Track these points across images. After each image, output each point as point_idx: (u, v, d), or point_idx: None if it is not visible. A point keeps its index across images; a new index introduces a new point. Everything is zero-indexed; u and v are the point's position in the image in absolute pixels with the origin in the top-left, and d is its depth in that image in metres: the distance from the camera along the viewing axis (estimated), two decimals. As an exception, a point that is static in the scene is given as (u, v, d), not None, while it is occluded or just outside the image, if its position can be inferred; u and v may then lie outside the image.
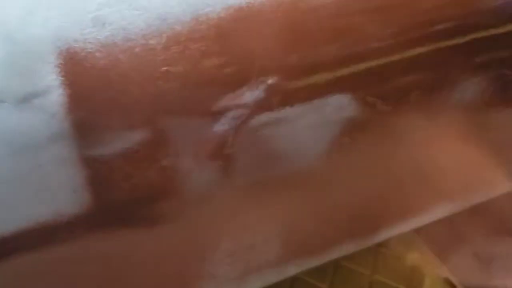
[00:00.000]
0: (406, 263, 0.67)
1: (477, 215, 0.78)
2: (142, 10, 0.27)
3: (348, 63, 0.33)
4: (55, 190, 0.28)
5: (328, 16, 0.31)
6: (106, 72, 0.27)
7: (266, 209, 0.40)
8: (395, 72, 0.36)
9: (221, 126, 0.31)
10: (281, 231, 0.41)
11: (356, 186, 0.44)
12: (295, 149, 0.36)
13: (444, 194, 0.50)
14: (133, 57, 0.27)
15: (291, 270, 0.45)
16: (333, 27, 0.32)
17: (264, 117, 0.32)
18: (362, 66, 0.34)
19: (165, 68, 0.28)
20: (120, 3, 0.27)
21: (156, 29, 0.27)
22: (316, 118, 0.34)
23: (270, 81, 0.30)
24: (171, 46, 0.28)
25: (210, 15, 0.28)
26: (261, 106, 0.31)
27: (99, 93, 0.27)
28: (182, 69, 0.28)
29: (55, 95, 0.26)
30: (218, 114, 0.30)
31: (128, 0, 0.27)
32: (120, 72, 0.27)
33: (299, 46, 0.30)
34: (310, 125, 0.34)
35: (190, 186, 0.33)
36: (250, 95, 0.31)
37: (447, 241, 0.71)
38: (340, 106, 0.35)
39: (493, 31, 0.39)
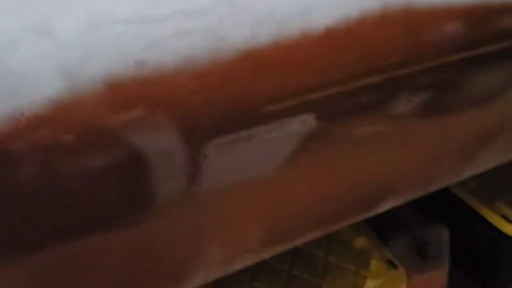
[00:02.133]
0: (355, 246, 0.76)
1: (414, 205, 0.89)
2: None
3: (312, 91, 0.41)
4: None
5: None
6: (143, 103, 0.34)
7: (249, 201, 0.48)
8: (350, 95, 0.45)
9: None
10: (265, 220, 0.49)
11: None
12: (257, 159, 0.43)
13: (390, 190, 0.59)
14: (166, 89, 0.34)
15: (267, 254, 0.54)
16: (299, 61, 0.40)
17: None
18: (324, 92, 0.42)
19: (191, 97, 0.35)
20: (156, 47, 0.33)
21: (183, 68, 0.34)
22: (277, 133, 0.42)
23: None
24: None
25: (225, 58, 0.35)
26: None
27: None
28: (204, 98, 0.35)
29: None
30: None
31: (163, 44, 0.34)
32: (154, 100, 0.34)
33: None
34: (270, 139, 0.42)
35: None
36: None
37: (390, 227, 0.81)
38: (302, 122, 0.43)
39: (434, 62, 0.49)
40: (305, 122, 0.42)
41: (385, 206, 0.60)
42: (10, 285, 0.36)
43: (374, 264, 0.73)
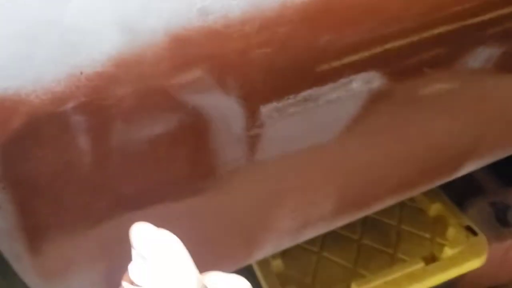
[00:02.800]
0: (430, 214, 0.72)
1: (491, 169, 0.83)
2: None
3: (378, 43, 0.37)
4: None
5: None
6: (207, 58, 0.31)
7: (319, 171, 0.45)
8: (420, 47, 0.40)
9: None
10: (336, 187, 0.46)
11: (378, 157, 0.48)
12: (322, 123, 0.40)
13: (471, 152, 0.55)
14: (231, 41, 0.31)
15: (339, 222, 0.51)
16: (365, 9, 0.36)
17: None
18: (390, 45, 0.38)
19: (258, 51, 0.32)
20: (221, -6, 0.30)
21: (250, 16, 0.31)
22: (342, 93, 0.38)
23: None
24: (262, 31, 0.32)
25: (295, 1, 0.32)
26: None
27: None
28: (271, 51, 0.32)
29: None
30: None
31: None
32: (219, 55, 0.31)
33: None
34: (335, 99, 0.38)
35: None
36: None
37: (467, 193, 0.76)
38: (367, 81, 0.39)
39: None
40: (369, 80, 0.38)
41: (466, 169, 0.56)
42: (82, 255, 0.34)
43: (451, 231, 0.68)
